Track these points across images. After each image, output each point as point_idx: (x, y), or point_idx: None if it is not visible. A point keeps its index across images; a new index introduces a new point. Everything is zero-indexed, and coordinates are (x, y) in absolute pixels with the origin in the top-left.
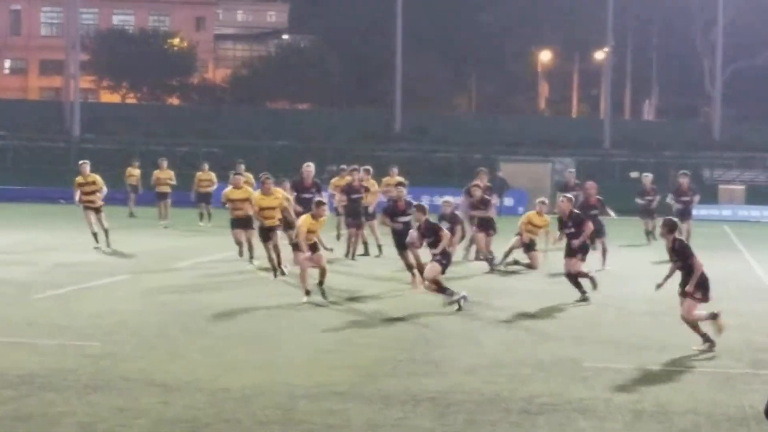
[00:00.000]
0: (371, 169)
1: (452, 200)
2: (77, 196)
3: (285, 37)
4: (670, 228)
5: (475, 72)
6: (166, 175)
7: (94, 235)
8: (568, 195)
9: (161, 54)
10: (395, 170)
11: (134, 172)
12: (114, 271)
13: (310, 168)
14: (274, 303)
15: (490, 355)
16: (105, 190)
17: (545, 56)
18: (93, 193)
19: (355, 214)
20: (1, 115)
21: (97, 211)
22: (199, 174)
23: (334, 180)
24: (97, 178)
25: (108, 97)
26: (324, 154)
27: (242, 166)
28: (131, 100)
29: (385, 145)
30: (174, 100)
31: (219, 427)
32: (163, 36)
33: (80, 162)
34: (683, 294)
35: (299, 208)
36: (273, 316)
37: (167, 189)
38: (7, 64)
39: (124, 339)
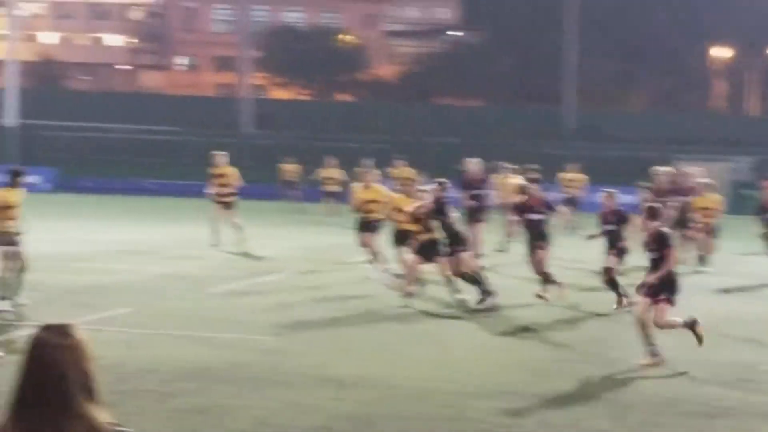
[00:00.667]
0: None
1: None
2: (211, 188)
3: (455, 33)
4: (652, 215)
5: (648, 68)
6: (330, 174)
7: (216, 233)
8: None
9: (332, 51)
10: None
11: (289, 167)
12: (282, 266)
13: (473, 164)
14: (438, 303)
15: (664, 357)
16: (238, 183)
17: (719, 52)
18: (226, 186)
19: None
20: (174, 111)
21: (228, 206)
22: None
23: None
24: (231, 171)
25: (279, 94)
26: (492, 152)
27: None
28: (302, 96)
29: (555, 143)
30: (344, 97)
31: (391, 424)
32: (334, 33)
33: (215, 153)
34: (647, 293)
35: (471, 203)
36: (440, 316)
37: (335, 188)
38: (182, 61)
39: (296, 334)
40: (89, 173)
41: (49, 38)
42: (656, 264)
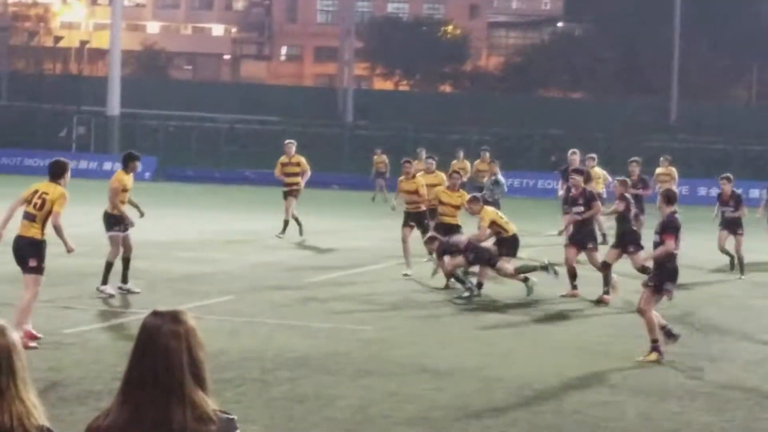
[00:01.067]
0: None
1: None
2: (280, 175)
3: (559, 24)
4: (669, 199)
5: (756, 62)
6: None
7: (285, 223)
8: None
9: (434, 41)
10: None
11: (379, 159)
12: (380, 257)
13: (576, 155)
14: (536, 295)
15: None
16: (309, 173)
17: None
18: (295, 175)
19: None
20: (276, 102)
21: (294, 195)
22: (453, 163)
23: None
24: (302, 159)
25: (381, 84)
26: (596, 144)
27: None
28: (404, 87)
29: (659, 136)
30: (446, 88)
31: (489, 415)
32: (437, 24)
33: (286, 141)
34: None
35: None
36: (536, 308)
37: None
38: (284, 51)
39: (395, 324)
40: (189, 163)
41: (151, 28)
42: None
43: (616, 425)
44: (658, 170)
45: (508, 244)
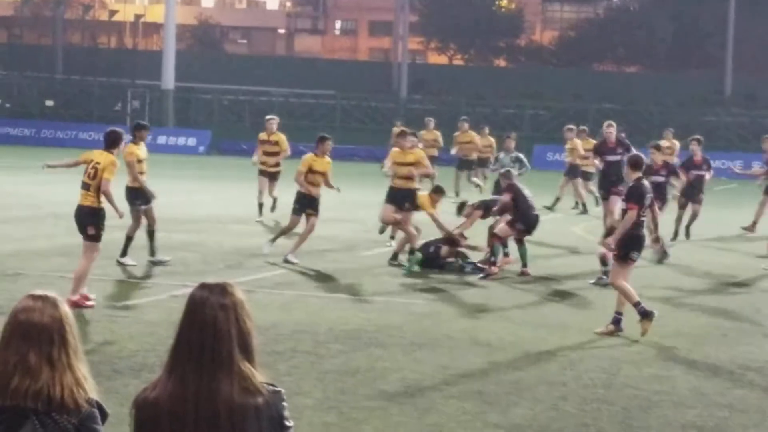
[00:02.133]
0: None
1: None
2: (256, 155)
3: None
4: (634, 165)
5: None
6: (466, 138)
7: (260, 206)
8: None
9: (489, 15)
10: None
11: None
12: (435, 231)
13: (612, 128)
14: (588, 268)
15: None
16: (288, 152)
17: None
18: (274, 155)
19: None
20: (331, 75)
21: (273, 177)
22: (421, 133)
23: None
24: (282, 138)
25: (435, 59)
26: (650, 119)
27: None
28: (458, 61)
29: (714, 110)
30: (501, 62)
31: (543, 389)
32: None
33: (267, 117)
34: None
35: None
36: (588, 281)
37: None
38: (338, 24)
39: (446, 298)
40: (242, 136)
41: (206, 1)
42: None
43: (668, 399)
44: (662, 143)
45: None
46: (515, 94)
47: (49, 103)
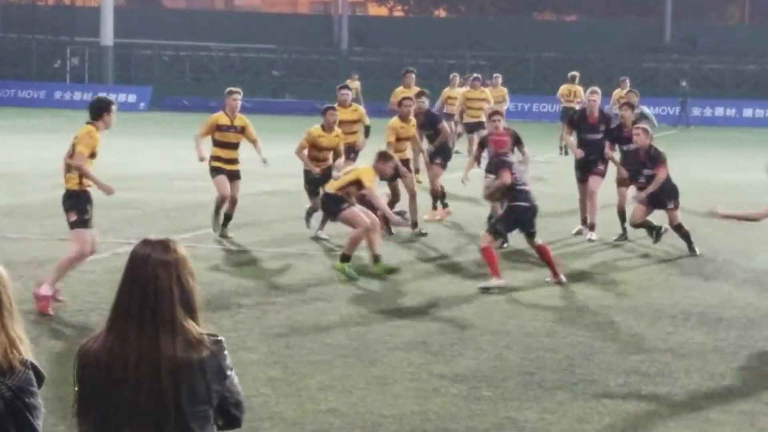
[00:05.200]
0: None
1: None
2: (201, 148)
3: None
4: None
5: None
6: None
7: (227, 218)
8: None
9: None
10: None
11: (354, 85)
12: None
13: (596, 96)
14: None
15: (763, 270)
16: (259, 143)
17: None
18: (235, 147)
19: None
20: (271, 29)
21: (232, 177)
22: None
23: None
24: (248, 123)
25: (376, 10)
26: (591, 66)
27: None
28: (398, 12)
29: (654, 56)
30: (441, 12)
31: (487, 339)
32: None
33: (228, 90)
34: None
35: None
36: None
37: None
38: None
39: (392, 251)
40: (184, 92)
41: None
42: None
43: (611, 346)
44: (616, 92)
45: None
46: (455, 45)
47: None
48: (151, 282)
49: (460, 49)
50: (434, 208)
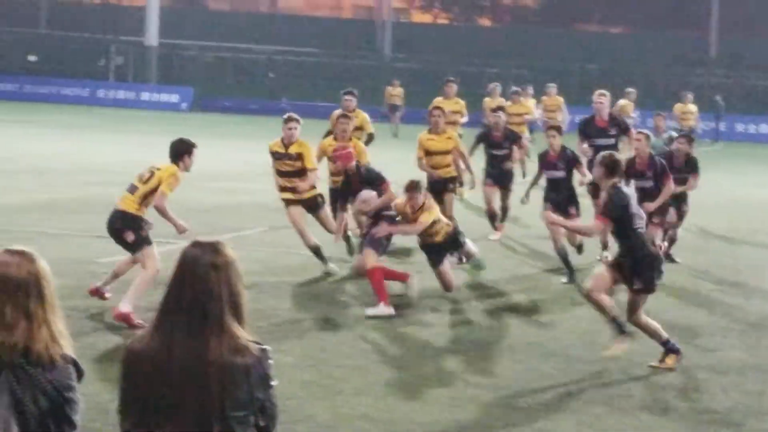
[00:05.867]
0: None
1: None
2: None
3: None
4: None
5: None
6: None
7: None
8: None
9: None
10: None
11: (394, 91)
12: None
13: (604, 99)
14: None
15: None
16: (316, 174)
17: None
18: (297, 175)
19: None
20: (314, 33)
21: (318, 207)
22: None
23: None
24: (306, 150)
25: (419, 17)
26: (635, 79)
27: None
28: (442, 20)
29: (698, 71)
30: (485, 21)
31: (527, 349)
32: None
33: (287, 116)
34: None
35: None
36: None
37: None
38: None
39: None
40: (226, 93)
41: None
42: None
43: (649, 362)
44: (681, 107)
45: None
46: (498, 54)
47: (32, 58)
48: (201, 284)
49: (503, 58)
50: (495, 227)
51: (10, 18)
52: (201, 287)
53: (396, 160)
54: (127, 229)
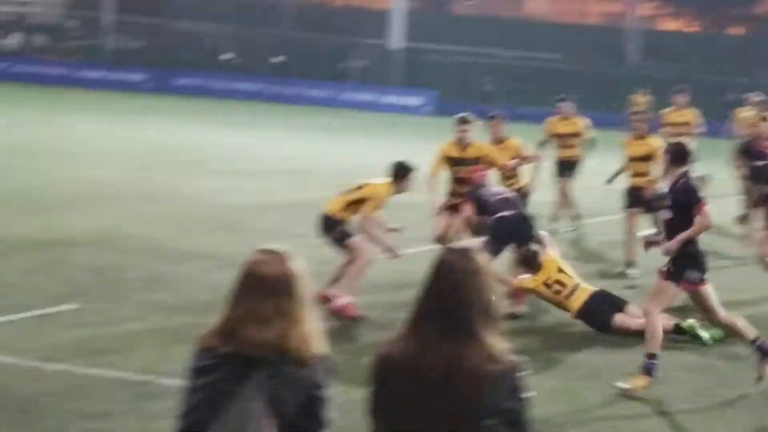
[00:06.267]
0: None
1: None
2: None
3: None
4: None
5: None
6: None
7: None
8: None
9: None
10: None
11: (640, 99)
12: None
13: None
14: None
15: None
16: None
17: None
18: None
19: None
20: (558, 39)
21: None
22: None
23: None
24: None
25: (668, 25)
26: None
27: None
28: (692, 28)
29: None
30: (736, 30)
31: None
32: None
33: (459, 116)
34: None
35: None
36: None
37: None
38: None
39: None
40: (470, 98)
41: None
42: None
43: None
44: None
45: None
46: (749, 64)
47: (279, 59)
48: (456, 290)
49: (755, 68)
50: None
51: (257, 19)
52: (456, 293)
53: None
54: (330, 230)
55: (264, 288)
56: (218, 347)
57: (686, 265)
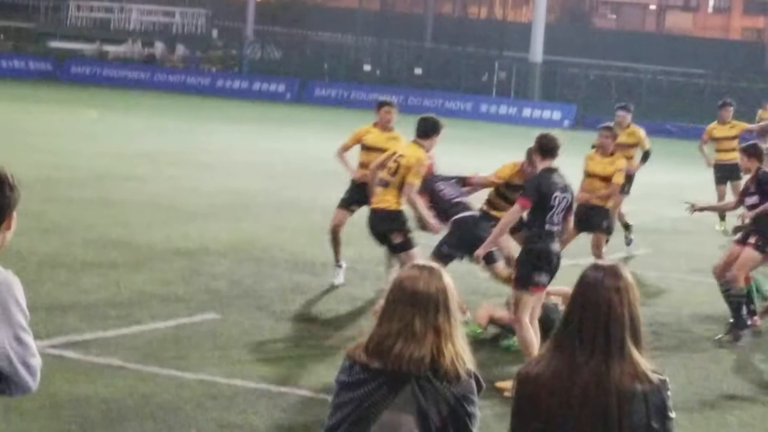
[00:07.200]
0: None
1: None
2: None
3: None
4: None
5: None
6: None
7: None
8: None
9: None
10: None
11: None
12: None
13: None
14: None
15: None
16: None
17: None
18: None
19: None
20: (702, 54)
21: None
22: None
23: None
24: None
25: None
26: None
27: None
28: None
29: None
30: None
31: None
32: None
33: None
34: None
35: None
36: None
37: None
38: (711, 2)
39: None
40: (609, 112)
41: None
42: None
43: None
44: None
45: None
46: None
47: (417, 71)
48: (604, 308)
49: None
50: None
51: (397, 31)
52: (604, 311)
53: None
54: (392, 230)
55: (417, 304)
56: (367, 362)
57: None
